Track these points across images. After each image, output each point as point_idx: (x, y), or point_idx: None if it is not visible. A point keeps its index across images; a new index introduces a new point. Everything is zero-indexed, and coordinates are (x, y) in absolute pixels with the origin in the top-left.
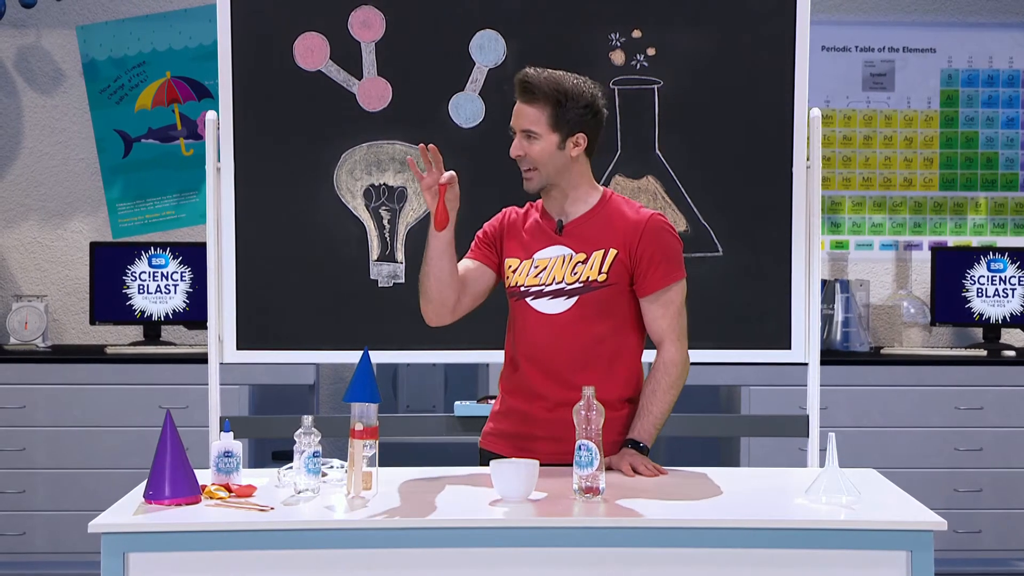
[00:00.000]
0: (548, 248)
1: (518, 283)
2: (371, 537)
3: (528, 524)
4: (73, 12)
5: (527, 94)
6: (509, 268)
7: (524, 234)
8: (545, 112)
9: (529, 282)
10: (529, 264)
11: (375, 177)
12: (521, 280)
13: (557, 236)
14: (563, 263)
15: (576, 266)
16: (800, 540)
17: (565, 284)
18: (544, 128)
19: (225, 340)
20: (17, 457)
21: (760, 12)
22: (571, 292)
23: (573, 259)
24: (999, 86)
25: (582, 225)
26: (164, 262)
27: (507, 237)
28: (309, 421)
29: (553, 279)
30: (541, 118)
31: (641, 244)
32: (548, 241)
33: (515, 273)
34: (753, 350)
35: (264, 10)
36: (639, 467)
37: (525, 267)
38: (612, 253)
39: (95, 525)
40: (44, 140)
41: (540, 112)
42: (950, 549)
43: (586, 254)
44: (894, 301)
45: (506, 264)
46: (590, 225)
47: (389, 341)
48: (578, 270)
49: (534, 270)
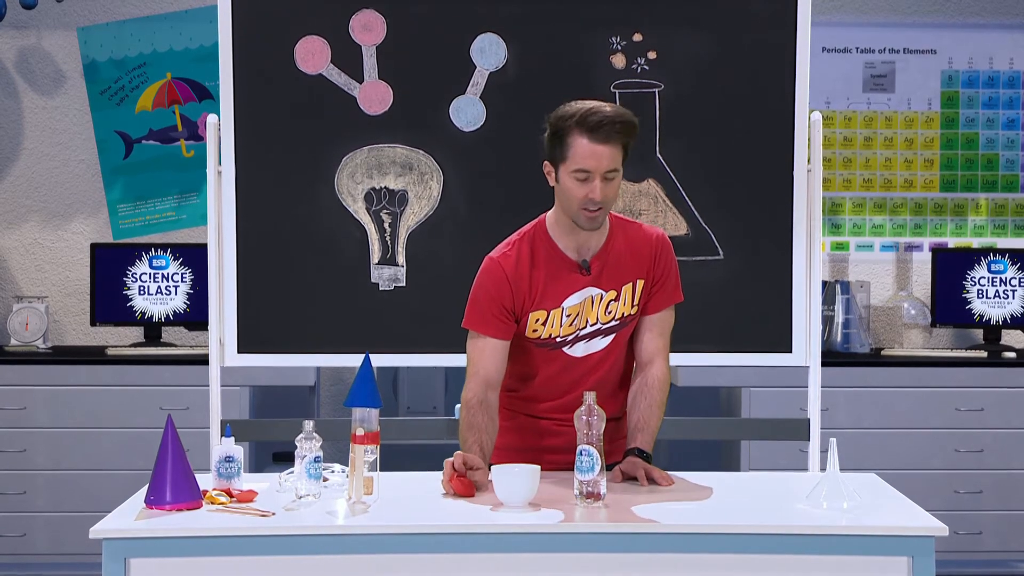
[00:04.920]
0: (577, 293)
1: (552, 335)
2: (373, 542)
3: (529, 529)
4: (74, 13)
5: (605, 134)
6: (536, 321)
7: (547, 281)
8: (620, 148)
9: (565, 332)
10: (559, 313)
11: (376, 180)
12: (555, 332)
13: (585, 277)
14: (594, 304)
15: (609, 304)
16: (801, 546)
17: (600, 324)
18: (620, 164)
19: (226, 343)
20: (18, 458)
21: (761, 15)
22: (607, 331)
23: (604, 298)
24: (1000, 87)
25: (606, 259)
26: (165, 263)
27: (520, 294)
28: (310, 426)
29: (587, 322)
30: (618, 156)
31: (656, 266)
32: (576, 285)
33: (545, 325)
34: (754, 353)
35: (265, 13)
36: (655, 476)
37: (555, 317)
38: (640, 284)
39: (97, 531)
40: (45, 141)
41: (617, 150)
42: (950, 551)
43: (616, 291)
44: (894, 302)
45: (531, 318)
46: (614, 257)
47: (390, 344)
48: (612, 308)
49: (567, 319)
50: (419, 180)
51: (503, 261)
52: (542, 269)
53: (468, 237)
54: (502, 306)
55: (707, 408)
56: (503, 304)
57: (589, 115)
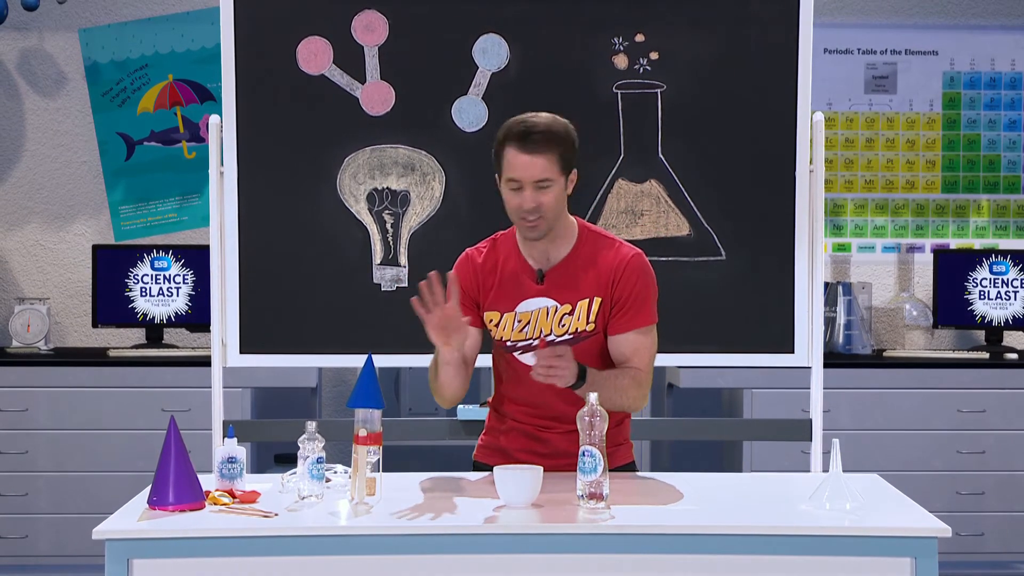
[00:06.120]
0: (530, 300)
1: (503, 337)
2: (375, 543)
3: (532, 530)
4: (75, 15)
5: (534, 144)
6: (490, 322)
7: (501, 283)
8: (554, 158)
9: (515, 337)
10: (512, 317)
11: (378, 181)
12: (506, 335)
13: (538, 286)
14: (548, 315)
15: (563, 318)
16: (804, 547)
17: (554, 336)
18: (555, 174)
19: (228, 344)
20: (19, 460)
21: (763, 16)
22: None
23: (559, 311)
24: (1001, 88)
25: (563, 272)
26: (166, 265)
27: (482, 288)
28: (313, 427)
29: (540, 331)
30: (552, 165)
31: (617, 287)
32: (529, 292)
33: (498, 327)
34: (756, 354)
35: (267, 14)
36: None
37: (508, 320)
38: (597, 302)
39: (99, 531)
40: (46, 143)
41: (549, 160)
42: (952, 552)
43: (571, 304)
44: (896, 304)
45: (486, 317)
46: (571, 271)
47: (392, 345)
48: (565, 322)
49: (518, 324)
50: (421, 180)
51: (474, 254)
52: (502, 270)
53: (470, 237)
54: (466, 294)
55: (709, 409)
56: (467, 292)
57: (517, 126)
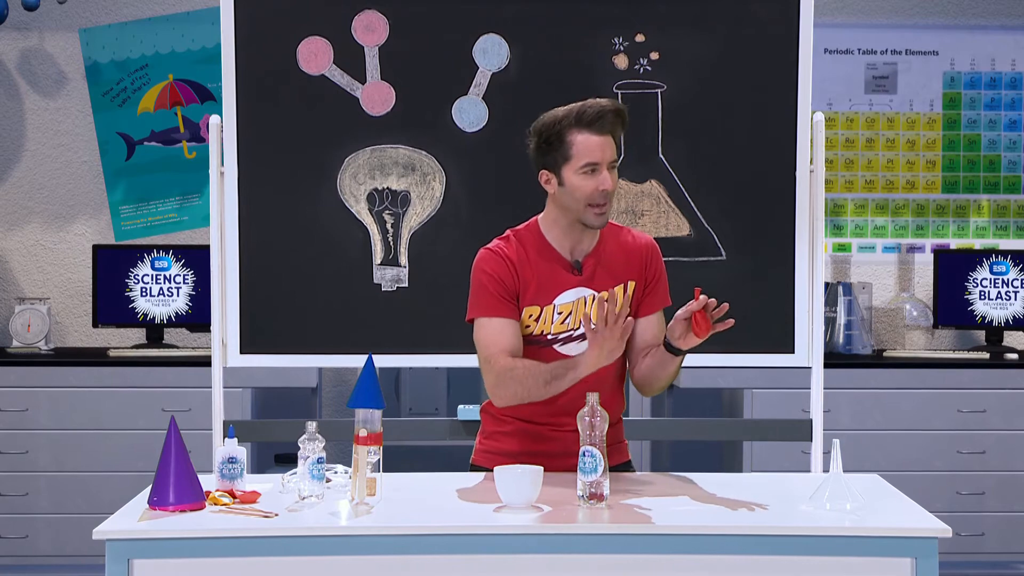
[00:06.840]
0: (569, 292)
1: (544, 332)
2: (376, 543)
3: (533, 531)
4: (76, 15)
5: (609, 124)
6: (530, 317)
7: (538, 277)
8: (619, 139)
9: (556, 329)
10: (551, 311)
11: (379, 181)
12: (547, 328)
13: (576, 277)
14: (587, 304)
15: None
16: (805, 547)
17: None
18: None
19: (228, 344)
20: (20, 460)
21: (763, 16)
22: None
23: (597, 299)
24: (1001, 88)
25: (596, 260)
26: (167, 265)
27: (523, 283)
28: (313, 427)
29: (580, 322)
30: (615, 147)
31: (649, 268)
32: (567, 284)
33: (538, 322)
34: (756, 354)
35: (267, 14)
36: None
37: (548, 314)
38: (631, 285)
39: (100, 532)
40: (47, 143)
41: (617, 141)
42: (953, 552)
43: (608, 291)
44: (896, 304)
45: (526, 312)
46: (604, 259)
47: (392, 345)
48: None
49: (558, 316)
50: (421, 181)
51: (505, 249)
52: (536, 264)
53: (470, 238)
54: (507, 287)
55: (709, 409)
56: (507, 285)
57: (584, 111)
